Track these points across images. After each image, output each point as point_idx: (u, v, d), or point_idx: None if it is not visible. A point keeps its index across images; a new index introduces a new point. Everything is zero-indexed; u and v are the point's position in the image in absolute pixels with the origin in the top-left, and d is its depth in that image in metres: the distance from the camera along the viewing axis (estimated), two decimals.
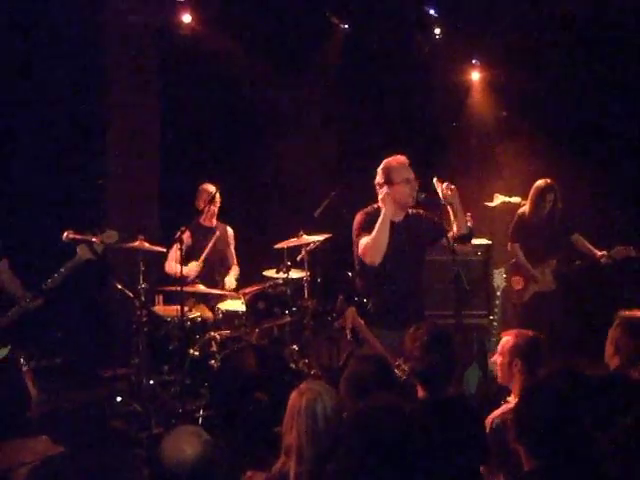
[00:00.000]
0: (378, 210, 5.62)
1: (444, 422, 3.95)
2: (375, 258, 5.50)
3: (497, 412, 4.40)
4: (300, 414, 3.57)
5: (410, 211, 5.73)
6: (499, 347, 4.69)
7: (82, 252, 5.46)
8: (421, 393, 4.20)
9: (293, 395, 3.65)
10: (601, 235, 7.86)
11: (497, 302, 6.99)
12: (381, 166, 5.65)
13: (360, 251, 5.57)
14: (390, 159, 5.66)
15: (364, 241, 5.53)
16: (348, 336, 5.97)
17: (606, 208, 8.65)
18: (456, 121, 9.60)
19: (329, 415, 3.57)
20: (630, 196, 8.84)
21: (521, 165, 8.71)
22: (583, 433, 3.25)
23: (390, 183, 5.57)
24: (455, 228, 5.66)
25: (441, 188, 5.56)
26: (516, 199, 8.23)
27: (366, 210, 5.71)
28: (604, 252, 7.48)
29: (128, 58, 8.65)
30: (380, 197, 5.54)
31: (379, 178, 5.63)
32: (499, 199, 8.52)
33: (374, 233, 5.47)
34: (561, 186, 7.70)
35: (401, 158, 5.66)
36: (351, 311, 5.73)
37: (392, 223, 5.59)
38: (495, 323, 7.10)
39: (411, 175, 5.60)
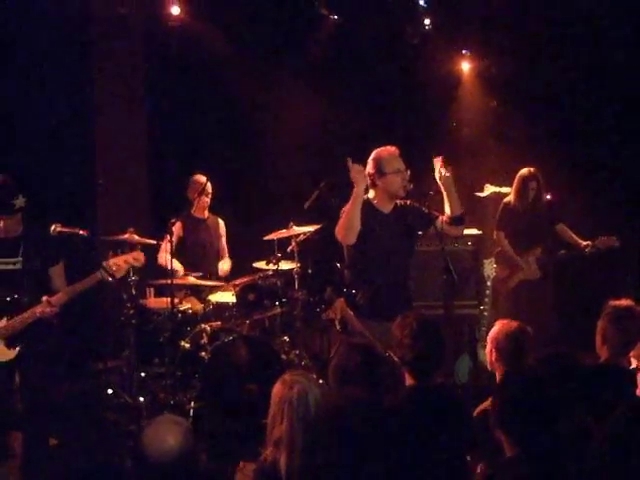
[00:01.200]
0: (365, 202, 5.62)
1: (430, 409, 3.97)
2: (348, 238, 5.49)
3: (485, 403, 4.43)
4: (292, 405, 3.57)
5: (398, 202, 5.73)
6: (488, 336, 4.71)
7: (102, 272, 5.25)
8: (409, 381, 4.22)
9: (279, 387, 3.64)
10: (589, 226, 7.88)
11: (487, 292, 7.03)
12: (372, 156, 5.67)
13: (336, 230, 5.56)
14: (381, 149, 5.67)
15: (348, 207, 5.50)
16: (337, 327, 6.00)
17: (595, 199, 8.65)
18: (447, 111, 9.59)
19: (319, 405, 3.58)
20: (619, 187, 8.84)
21: (512, 155, 8.70)
22: (562, 419, 3.27)
23: (381, 173, 5.58)
24: (448, 209, 5.66)
25: (439, 167, 5.56)
26: (506, 189, 8.23)
27: None
28: (588, 242, 7.51)
29: (116, 50, 8.63)
30: (351, 175, 5.43)
31: (370, 168, 5.64)
32: (489, 189, 8.53)
33: (346, 211, 5.46)
34: (551, 176, 7.73)
35: (391, 149, 5.68)
36: (340, 302, 5.76)
37: (381, 214, 5.60)
38: (485, 313, 7.14)
39: (402, 166, 5.62)
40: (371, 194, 5.70)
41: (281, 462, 3.52)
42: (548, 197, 7.75)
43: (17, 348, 5.16)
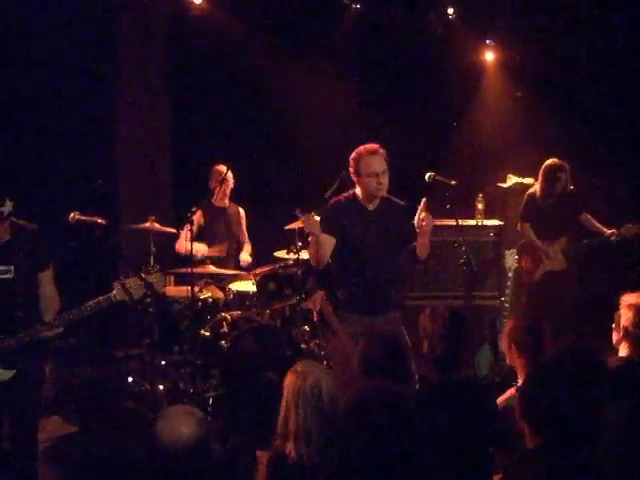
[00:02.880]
0: (350, 197, 5.58)
1: (454, 403, 3.96)
2: (320, 265, 5.50)
3: (504, 396, 4.41)
4: (306, 396, 3.57)
5: (385, 198, 5.62)
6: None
7: (117, 292, 4.81)
8: (432, 374, 4.21)
9: (291, 377, 3.63)
10: (611, 216, 7.81)
11: (508, 283, 6.99)
12: (352, 155, 5.52)
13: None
14: (362, 148, 5.49)
15: (312, 241, 5.49)
16: (315, 318, 6.00)
17: (618, 188, 8.57)
18: (470, 101, 9.53)
19: (333, 394, 3.58)
20: None
21: (535, 146, 8.64)
22: (587, 414, 3.24)
23: (358, 174, 5.49)
24: (416, 249, 5.53)
25: (419, 213, 5.41)
26: (529, 180, 8.19)
27: (337, 199, 5.65)
28: (613, 230, 7.44)
29: (139, 39, 8.64)
30: (304, 228, 5.46)
31: (350, 166, 5.53)
32: (512, 180, 8.48)
33: (310, 251, 5.51)
34: (575, 167, 7.67)
35: (372, 148, 5.47)
36: (319, 295, 5.73)
37: (366, 211, 5.55)
38: (506, 304, 7.11)
39: (380, 168, 5.42)
40: (357, 189, 5.61)
41: (298, 454, 3.52)
42: (572, 187, 7.68)
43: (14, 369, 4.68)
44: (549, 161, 7.51)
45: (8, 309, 4.67)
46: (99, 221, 5.53)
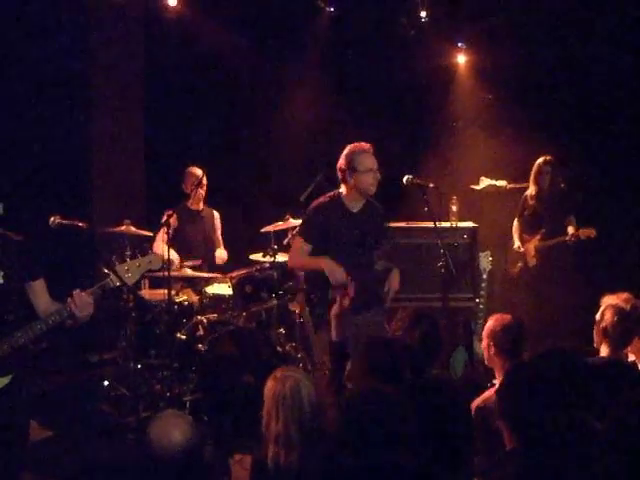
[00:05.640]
0: (334, 199, 5.62)
1: (428, 403, 3.98)
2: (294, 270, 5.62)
3: (482, 396, 4.44)
4: (286, 402, 3.58)
5: (368, 200, 5.70)
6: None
7: (112, 280, 4.51)
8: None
9: (271, 383, 3.65)
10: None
11: (483, 285, 7.03)
12: (345, 152, 5.58)
13: (290, 253, 5.66)
14: (355, 145, 5.58)
15: (297, 247, 5.62)
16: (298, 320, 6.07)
17: (594, 188, 8.67)
18: (442, 103, 9.59)
19: (312, 399, 3.59)
20: (618, 178, 8.85)
21: (507, 148, 8.73)
22: (565, 415, 3.28)
23: (353, 170, 5.53)
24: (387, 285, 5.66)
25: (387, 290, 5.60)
26: (502, 182, 8.29)
27: (321, 203, 5.67)
28: (572, 232, 7.59)
29: (113, 40, 8.60)
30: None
31: (342, 164, 5.57)
32: (485, 182, 8.55)
33: (305, 262, 5.60)
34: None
35: (366, 146, 5.59)
36: (299, 297, 5.78)
37: (350, 213, 5.60)
38: (481, 306, 7.14)
39: (374, 165, 5.55)
40: (342, 189, 5.65)
41: (277, 459, 3.53)
42: (563, 187, 7.84)
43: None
44: (538, 159, 7.82)
45: (1, 313, 4.42)
46: (80, 224, 5.51)
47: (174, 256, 7.22)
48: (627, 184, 8.73)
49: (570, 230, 7.69)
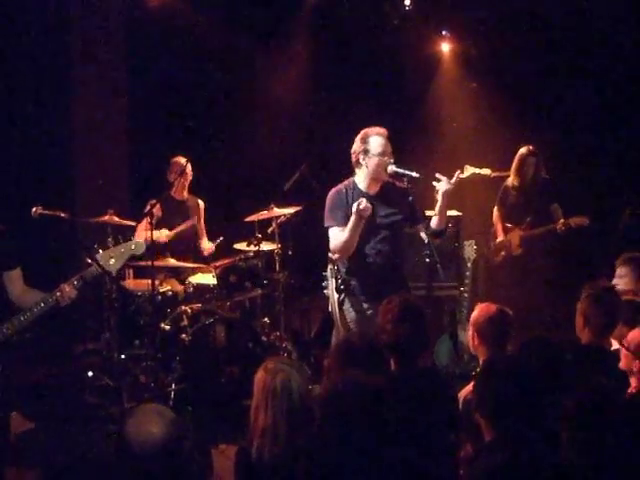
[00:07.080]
0: (350, 186, 5.59)
1: (415, 394, 3.98)
2: (345, 255, 5.53)
3: (468, 386, 4.45)
4: (276, 395, 3.51)
5: (387, 181, 5.67)
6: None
7: (95, 268, 4.57)
8: (393, 366, 4.22)
9: (261, 375, 3.58)
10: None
11: (467, 274, 7.04)
12: (360, 135, 5.60)
13: (330, 245, 5.55)
14: (370, 129, 5.60)
15: (334, 235, 5.51)
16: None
17: (578, 179, 8.68)
18: (426, 91, 9.57)
19: (302, 392, 3.56)
20: (598, 165, 8.87)
21: (491, 136, 8.72)
22: (541, 406, 3.28)
23: (366, 153, 5.53)
24: (435, 221, 5.63)
25: (445, 181, 5.54)
26: (486, 171, 8.26)
27: (338, 188, 5.66)
28: (562, 221, 7.59)
29: (96, 29, 8.54)
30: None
31: (357, 147, 5.58)
32: (469, 171, 8.52)
33: (346, 234, 5.42)
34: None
35: (381, 130, 5.61)
36: None
37: (368, 196, 5.55)
38: (466, 294, 7.15)
39: (389, 149, 5.55)
40: (357, 176, 5.65)
41: (261, 451, 3.50)
42: (545, 176, 7.83)
43: None
44: (521, 149, 7.79)
45: None
46: (62, 215, 5.47)
47: (162, 231, 7.20)
48: (611, 172, 8.76)
49: (560, 218, 7.68)
